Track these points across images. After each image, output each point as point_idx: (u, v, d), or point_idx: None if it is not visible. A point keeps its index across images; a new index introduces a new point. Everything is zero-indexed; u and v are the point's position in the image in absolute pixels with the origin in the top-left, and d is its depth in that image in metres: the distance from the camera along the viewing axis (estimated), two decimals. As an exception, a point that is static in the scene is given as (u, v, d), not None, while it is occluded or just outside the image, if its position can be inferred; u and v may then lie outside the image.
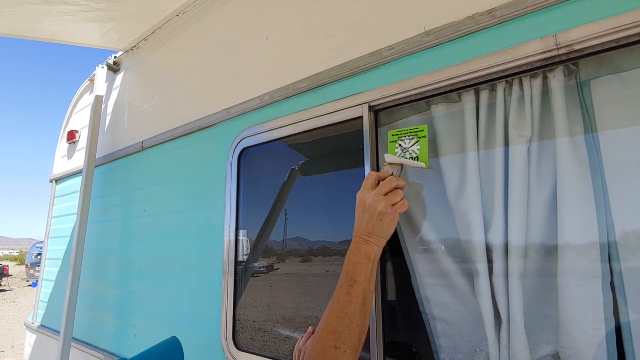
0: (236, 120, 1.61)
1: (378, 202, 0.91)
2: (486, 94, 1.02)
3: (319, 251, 1.37)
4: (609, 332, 0.82)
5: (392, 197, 0.92)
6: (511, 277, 0.94)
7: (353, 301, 0.84)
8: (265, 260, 1.53)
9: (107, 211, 2.38)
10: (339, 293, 0.86)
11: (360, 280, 0.86)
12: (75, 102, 2.94)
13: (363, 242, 0.91)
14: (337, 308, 0.84)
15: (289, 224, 1.48)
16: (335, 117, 1.26)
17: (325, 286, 1.32)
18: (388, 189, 0.93)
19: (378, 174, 0.99)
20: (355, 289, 0.85)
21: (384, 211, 0.90)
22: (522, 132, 0.95)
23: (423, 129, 1.05)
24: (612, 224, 0.85)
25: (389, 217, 0.90)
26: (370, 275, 0.88)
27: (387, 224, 0.91)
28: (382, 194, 0.92)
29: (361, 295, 0.85)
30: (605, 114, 0.87)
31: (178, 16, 2.00)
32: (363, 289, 0.85)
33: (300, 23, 1.43)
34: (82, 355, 2.26)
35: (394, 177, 0.97)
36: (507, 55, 0.93)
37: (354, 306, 0.83)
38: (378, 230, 0.91)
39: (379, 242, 0.91)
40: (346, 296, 0.85)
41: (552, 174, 0.93)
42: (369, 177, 0.98)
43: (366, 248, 0.90)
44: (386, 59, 1.16)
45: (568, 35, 0.86)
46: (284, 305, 1.42)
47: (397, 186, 0.93)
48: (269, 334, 1.41)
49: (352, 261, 0.89)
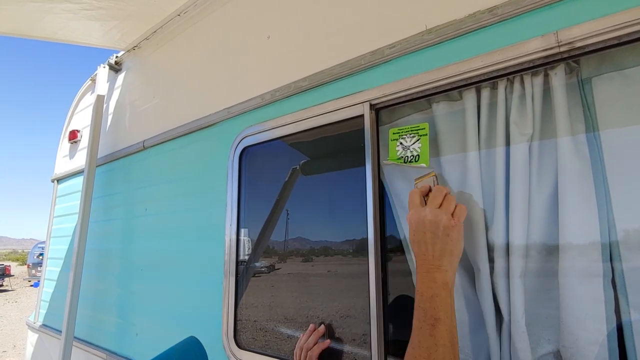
0: (237, 119, 1.61)
1: (438, 216, 0.81)
2: (487, 92, 1.02)
3: (320, 251, 1.37)
4: (610, 331, 0.82)
5: (447, 206, 0.83)
6: (512, 275, 0.93)
7: (439, 344, 0.72)
8: (266, 260, 1.53)
9: (109, 210, 2.39)
10: (419, 335, 0.75)
11: (442, 317, 0.75)
12: (76, 102, 2.95)
13: (435, 270, 0.79)
14: (422, 354, 0.73)
15: (290, 224, 1.48)
16: (336, 115, 1.26)
17: (326, 286, 1.32)
18: (440, 199, 0.84)
19: (419, 189, 0.91)
20: (439, 328, 0.73)
21: (448, 224, 0.80)
22: (523, 129, 0.95)
23: (424, 127, 1.05)
24: (613, 222, 0.84)
25: (455, 230, 0.81)
26: (451, 308, 0.77)
27: (456, 239, 0.81)
28: (436, 207, 0.83)
29: (447, 335, 0.73)
30: (607, 112, 0.87)
31: (179, 15, 2.00)
32: (447, 327, 0.74)
33: (301, 21, 1.43)
34: (84, 354, 2.27)
35: (440, 186, 0.89)
36: (508, 52, 0.93)
37: (442, 350, 0.72)
38: (449, 249, 0.80)
39: (452, 264, 0.81)
40: (430, 339, 0.73)
41: (553, 171, 0.93)
42: (412, 195, 0.90)
43: (441, 276, 0.78)
44: (387, 57, 1.16)
45: (569, 33, 0.85)
46: (285, 304, 1.42)
47: (447, 193, 0.86)
48: (270, 333, 1.41)
49: (428, 295, 0.77)
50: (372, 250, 1.11)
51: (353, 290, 1.21)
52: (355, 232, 1.23)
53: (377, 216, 1.13)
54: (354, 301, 1.20)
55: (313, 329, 1.24)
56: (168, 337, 1.79)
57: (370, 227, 1.13)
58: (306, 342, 1.20)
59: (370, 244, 1.12)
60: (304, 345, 1.20)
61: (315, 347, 1.19)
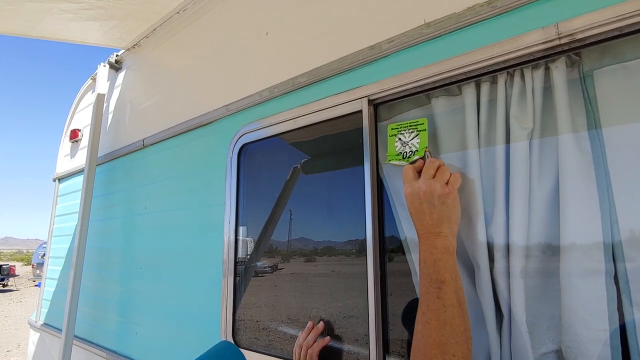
0: (236, 116, 1.60)
1: (432, 185, 0.84)
2: (487, 86, 1.00)
3: (322, 251, 1.35)
4: (613, 329, 0.80)
5: (441, 176, 0.86)
6: (512, 273, 0.91)
7: (447, 304, 0.73)
8: (266, 260, 1.52)
9: (109, 209, 2.38)
10: (427, 300, 0.76)
11: (447, 279, 0.76)
12: (77, 101, 2.95)
13: (435, 237, 0.81)
14: (433, 317, 0.73)
15: (289, 223, 1.46)
16: (335, 111, 1.25)
17: (328, 285, 1.31)
18: (433, 170, 0.87)
19: (413, 165, 0.94)
20: (445, 290, 0.75)
21: (442, 192, 0.83)
22: (524, 124, 0.93)
23: (423, 122, 1.04)
24: (615, 219, 0.82)
25: (451, 197, 0.84)
26: (455, 270, 0.78)
27: (452, 205, 0.84)
28: (430, 178, 0.86)
29: (454, 295, 0.75)
30: (609, 106, 0.85)
31: (179, 13, 2.00)
32: (453, 288, 0.75)
33: (300, 17, 1.42)
34: (84, 353, 2.27)
35: (433, 159, 0.92)
36: (508, 45, 0.91)
37: (451, 310, 0.73)
38: (447, 216, 0.83)
39: (452, 229, 0.83)
40: (437, 301, 0.74)
41: (554, 167, 0.91)
42: (406, 171, 0.93)
43: (441, 242, 0.81)
44: (385, 52, 1.14)
45: (570, 25, 0.84)
46: (285, 304, 1.41)
47: (440, 164, 0.88)
48: (271, 332, 1.40)
49: (430, 261, 0.79)
50: (370, 248, 1.10)
51: (354, 290, 1.20)
52: (354, 231, 1.21)
53: (376, 214, 1.12)
54: (354, 301, 1.19)
55: (312, 326, 1.23)
56: (167, 337, 1.78)
57: (368, 225, 1.12)
58: (305, 339, 1.19)
59: (369, 242, 1.10)
60: (304, 343, 1.19)
61: (315, 345, 1.18)
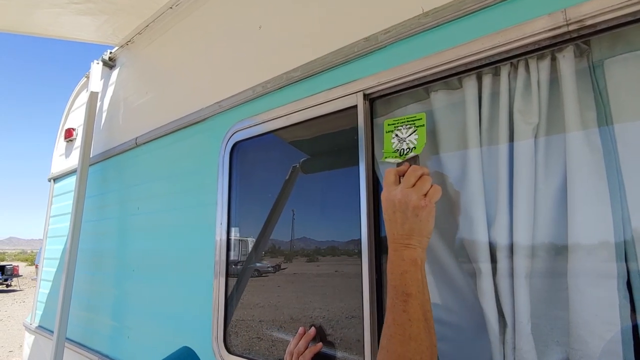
0: (228, 113, 1.55)
1: (408, 196, 0.80)
2: (489, 79, 0.94)
3: (315, 252, 1.30)
4: (625, 336, 0.75)
5: (421, 186, 0.81)
6: (516, 276, 0.86)
7: (413, 319, 0.73)
8: (260, 261, 1.47)
9: (102, 210, 2.33)
10: (393, 313, 0.75)
11: (413, 292, 0.75)
12: (72, 100, 2.90)
13: (403, 248, 0.80)
14: (397, 331, 0.73)
15: (286, 224, 1.40)
16: (329, 106, 1.19)
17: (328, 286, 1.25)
18: (414, 179, 0.83)
19: (397, 169, 0.89)
20: (411, 303, 0.74)
21: (418, 204, 0.79)
22: (529, 118, 0.87)
23: (421, 117, 0.98)
24: (628, 218, 0.77)
25: (425, 210, 0.79)
26: (422, 283, 0.77)
27: (425, 219, 0.80)
28: (409, 186, 0.82)
29: (420, 309, 0.74)
30: (621, 98, 0.79)
31: (172, 8, 1.94)
32: (420, 302, 0.75)
33: (294, 9, 1.36)
34: (78, 357, 2.22)
35: (416, 166, 0.86)
36: (512, 33, 0.85)
37: (416, 324, 0.72)
38: (417, 228, 0.80)
39: (421, 242, 0.80)
40: (403, 315, 0.73)
41: (561, 163, 0.85)
42: (387, 174, 0.88)
43: (409, 253, 0.79)
44: (381, 44, 1.08)
45: (578, 10, 0.78)
46: (281, 307, 1.35)
47: (423, 173, 0.83)
48: (263, 336, 1.35)
49: (397, 272, 0.78)
50: (365, 248, 1.05)
51: (346, 291, 1.14)
52: (349, 231, 1.16)
53: (372, 214, 1.06)
54: (347, 304, 1.13)
55: (303, 332, 1.17)
56: (160, 341, 1.73)
57: (363, 224, 1.06)
58: (296, 346, 1.14)
59: (364, 242, 1.05)
60: (295, 350, 1.13)
61: (307, 352, 1.12)
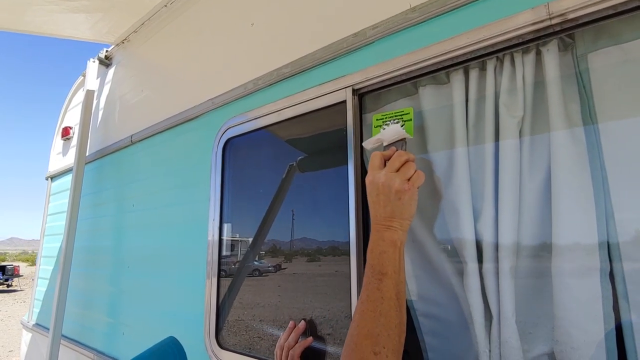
0: (221, 110, 1.55)
1: (391, 179, 0.82)
2: (475, 73, 0.94)
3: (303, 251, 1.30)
4: (608, 330, 0.75)
5: (405, 171, 0.83)
6: (502, 271, 0.86)
7: (385, 297, 0.75)
8: (253, 260, 1.47)
9: (98, 207, 2.34)
10: (367, 290, 0.77)
11: (389, 272, 0.77)
12: (69, 98, 2.91)
13: (385, 229, 0.82)
14: (369, 307, 0.75)
15: (282, 223, 1.40)
16: (319, 102, 1.20)
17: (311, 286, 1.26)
18: (399, 164, 0.84)
19: (382, 153, 0.90)
20: (385, 282, 0.76)
21: (400, 188, 0.81)
22: (513, 112, 0.88)
23: (408, 112, 0.98)
24: (611, 213, 0.77)
25: (408, 194, 0.81)
26: (399, 264, 0.79)
27: (407, 202, 0.82)
28: (393, 171, 0.83)
29: (393, 288, 0.76)
30: (605, 91, 0.79)
31: (166, 6, 1.95)
32: (394, 282, 0.77)
33: (285, 6, 1.37)
34: (73, 354, 2.22)
35: (401, 151, 0.88)
36: (496, 28, 0.86)
37: (388, 302, 0.74)
38: (399, 211, 0.82)
39: (402, 225, 0.82)
40: (376, 292, 0.75)
41: (546, 157, 0.85)
42: (373, 158, 0.89)
43: (389, 234, 0.81)
44: (370, 39, 1.09)
45: (561, 4, 0.78)
46: (273, 305, 1.36)
47: (408, 159, 0.85)
48: (254, 333, 1.35)
49: (376, 252, 0.80)
50: (354, 246, 1.05)
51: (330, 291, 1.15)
52: (338, 228, 1.16)
53: (360, 212, 1.07)
54: (330, 303, 1.14)
55: (293, 326, 1.18)
56: (154, 337, 1.72)
57: (352, 222, 1.07)
58: (286, 340, 1.14)
59: (352, 240, 1.06)
60: (285, 344, 1.14)
61: (297, 346, 1.13)
